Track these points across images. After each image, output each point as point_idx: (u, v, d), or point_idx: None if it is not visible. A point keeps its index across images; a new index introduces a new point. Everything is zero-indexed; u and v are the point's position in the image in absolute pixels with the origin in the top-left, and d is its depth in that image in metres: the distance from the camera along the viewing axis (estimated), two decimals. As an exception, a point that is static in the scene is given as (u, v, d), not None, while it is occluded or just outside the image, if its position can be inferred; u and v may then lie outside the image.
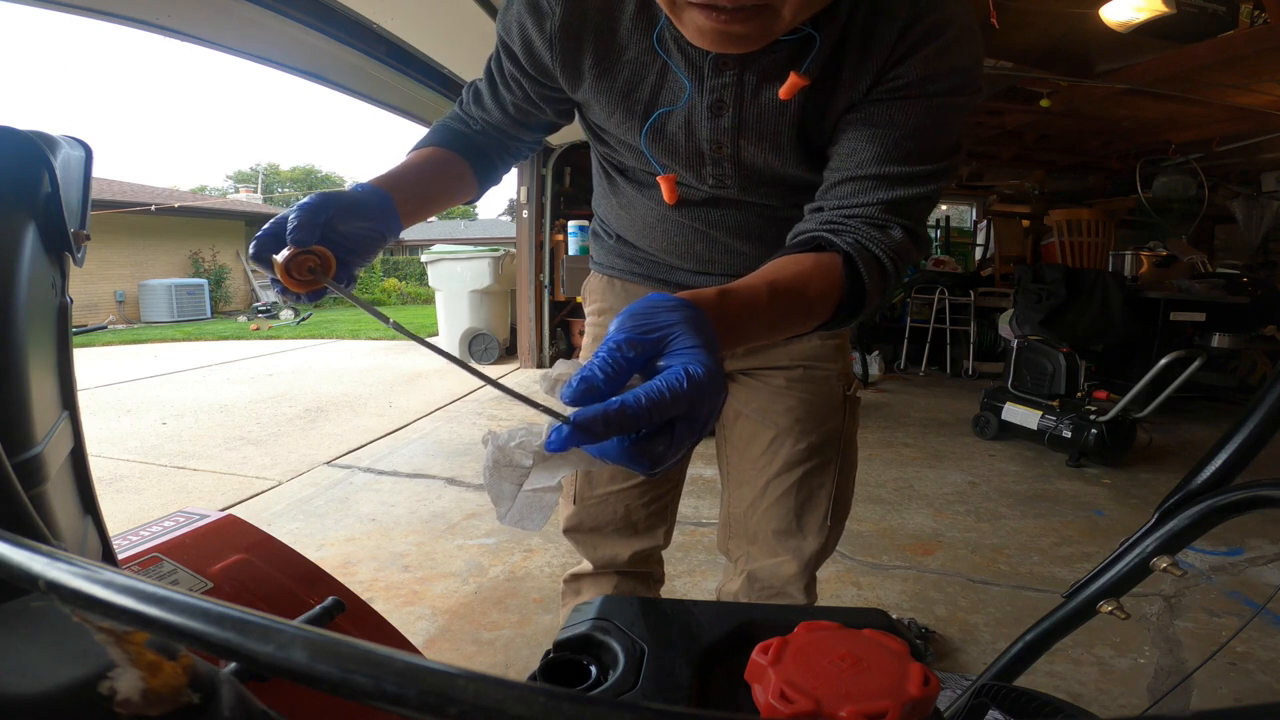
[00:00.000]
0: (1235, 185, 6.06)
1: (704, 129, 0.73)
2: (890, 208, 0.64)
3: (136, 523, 0.87)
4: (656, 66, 0.71)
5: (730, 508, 1.05)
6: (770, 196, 0.81)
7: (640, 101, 0.73)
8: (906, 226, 0.64)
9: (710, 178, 0.78)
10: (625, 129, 0.77)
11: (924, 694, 0.33)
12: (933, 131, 0.65)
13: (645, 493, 1.02)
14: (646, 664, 0.40)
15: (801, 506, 0.96)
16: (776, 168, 0.76)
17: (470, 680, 0.17)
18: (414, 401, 4.57)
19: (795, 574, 0.97)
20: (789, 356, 0.95)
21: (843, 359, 0.98)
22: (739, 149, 0.74)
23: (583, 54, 0.72)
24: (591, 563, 1.08)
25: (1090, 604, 0.77)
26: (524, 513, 0.48)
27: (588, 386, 0.41)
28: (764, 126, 0.71)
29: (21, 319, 0.48)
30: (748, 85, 0.69)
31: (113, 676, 0.22)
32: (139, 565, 0.77)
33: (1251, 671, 1.62)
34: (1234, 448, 0.68)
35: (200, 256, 13.05)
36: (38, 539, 0.25)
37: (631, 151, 0.82)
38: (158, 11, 2.56)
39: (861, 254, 0.61)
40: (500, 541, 2.34)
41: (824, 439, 0.95)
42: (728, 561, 1.09)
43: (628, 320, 0.44)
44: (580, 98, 0.78)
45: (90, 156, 0.58)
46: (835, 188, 0.67)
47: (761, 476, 0.97)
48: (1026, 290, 4.22)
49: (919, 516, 2.63)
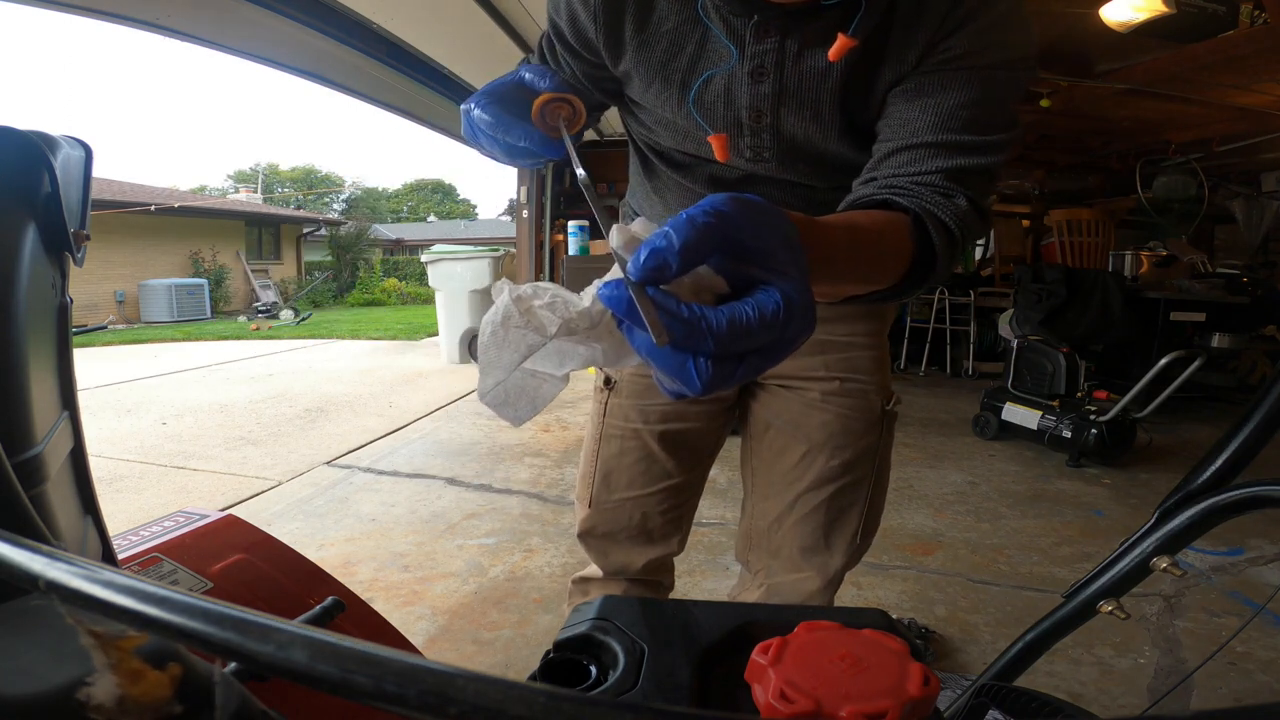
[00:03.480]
0: (1235, 185, 6.06)
1: (744, 95, 0.72)
2: (951, 176, 0.60)
3: (136, 523, 0.87)
4: (696, 36, 0.71)
5: (753, 520, 1.01)
6: (810, 176, 0.79)
7: (679, 70, 0.73)
8: (970, 198, 0.60)
9: (748, 149, 0.77)
10: (663, 99, 0.76)
11: (924, 694, 0.33)
12: (989, 103, 0.63)
13: (665, 499, 0.99)
14: (646, 664, 0.40)
15: (831, 524, 0.93)
16: (817, 140, 0.74)
17: (470, 680, 0.17)
18: (414, 401, 4.57)
19: (818, 590, 0.94)
20: (825, 367, 0.91)
21: (882, 371, 0.93)
22: (779, 117, 0.72)
23: (624, 24, 0.73)
24: (603, 570, 1.06)
25: (1090, 604, 0.77)
26: (512, 396, 0.40)
27: (658, 264, 0.34)
28: (805, 93, 0.70)
29: (21, 319, 0.48)
30: (789, 51, 0.68)
31: (90, 682, 0.22)
32: (139, 565, 0.77)
33: (1251, 671, 1.62)
34: (1234, 448, 0.68)
35: (200, 256, 13.06)
36: (38, 539, 0.25)
37: (668, 129, 0.80)
38: (158, 11, 2.56)
39: (929, 217, 0.58)
40: (500, 542, 2.34)
41: (858, 455, 0.91)
42: (745, 572, 1.07)
43: (735, 207, 0.37)
44: (621, 71, 0.77)
45: (90, 156, 0.58)
46: (889, 158, 0.64)
47: (791, 491, 0.94)
48: (1026, 290, 4.22)
49: (919, 516, 2.63)
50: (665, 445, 0.97)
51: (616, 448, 0.99)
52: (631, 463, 0.98)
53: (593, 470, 1.01)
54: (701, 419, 0.98)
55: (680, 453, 0.98)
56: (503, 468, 3.15)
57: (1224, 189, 6.01)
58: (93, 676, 0.22)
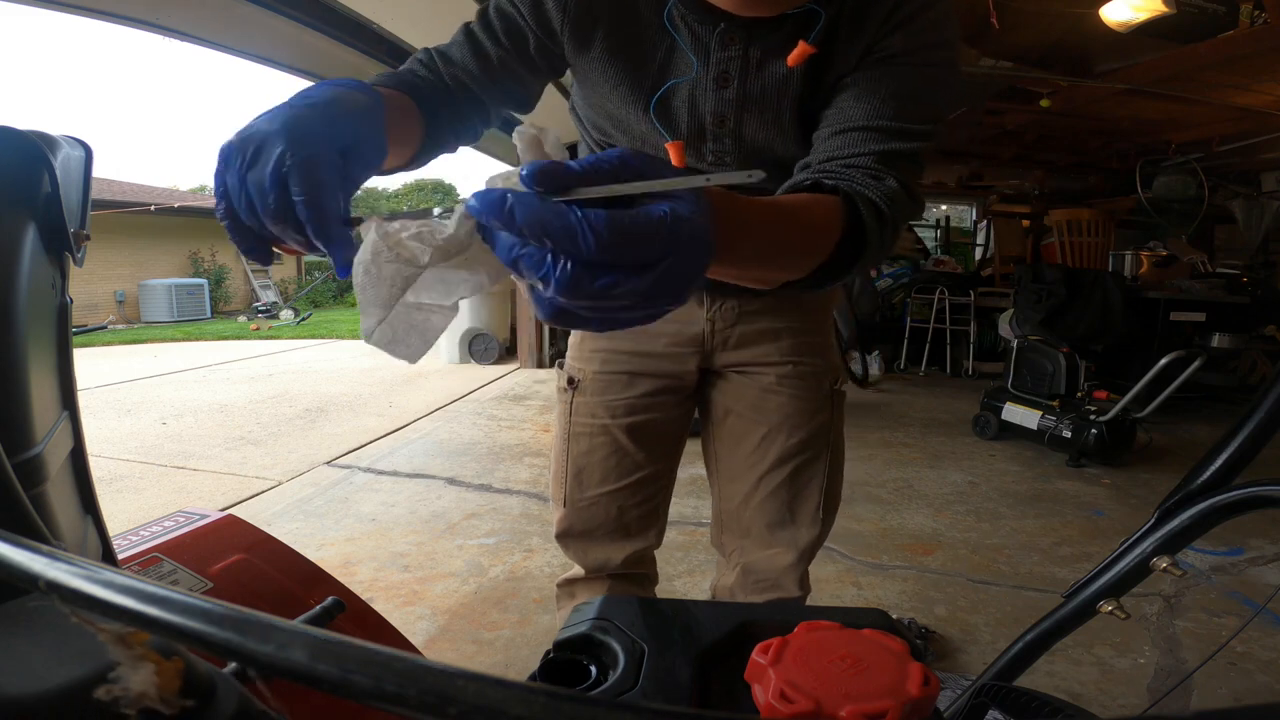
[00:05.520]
0: (1235, 185, 6.06)
1: (708, 102, 0.75)
2: (881, 159, 0.64)
3: (136, 523, 0.87)
4: (666, 43, 0.73)
5: (722, 503, 1.05)
6: (767, 178, 0.80)
7: (649, 75, 0.75)
8: (899, 179, 0.63)
9: (710, 154, 0.79)
10: (629, 103, 0.77)
11: (924, 694, 0.33)
12: (919, 95, 0.68)
13: (639, 491, 1.02)
14: (646, 664, 0.40)
15: (794, 499, 0.98)
16: (776, 144, 0.77)
17: (470, 680, 0.17)
18: (414, 401, 4.57)
19: (790, 564, 0.98)
20: (780, 353, 0.96)
21: (829, 354, 1.00)
22: (741, 123, 0.75)
23: (596, 24, 0.73)
24: (584, 568, 1.07)
25: (1090, 604, 0.77)
26: (400, 332, 0.38)
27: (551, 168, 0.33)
28: (767, 100, 0.73)
29: (21, 319, 0.48)
30: (752, 59, 0.72)
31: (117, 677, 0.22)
32: (139, 565, 0.77)
33: (1251, 671, 1.63)
34: (1234, 448, 0.68)
35: (200, 256, 13.05)
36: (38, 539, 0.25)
37: (626, 132, 0.82)
38: (157, 11, 2.56)
39: (859, 196, 0.60)
40: (500, 541, 2.34)
41: (813, 434, 0.97)
42: (721, 557, 1.09)
43: (644, 156, 0.37)
44: (580, 67, 0.78)
45: (90, 156, 0.58)
46: (825, 143, 0.67)
47: (754, 472, 0.98)
48: (1026, 290, 4.22)
49: (919, 516, 2.63)
50: (634, 437, 0.99)
51: (586, 445, 1.00)
52: (602, 458, 1.00)
53: (564, 470, 1.03)
54: (666, 408, 1.00)
55: (649, 444, 1.00)
56: (503, 468, 3.15)
57: (1224, 189, 6.01)
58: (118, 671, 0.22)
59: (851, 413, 4.85)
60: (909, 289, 5.84)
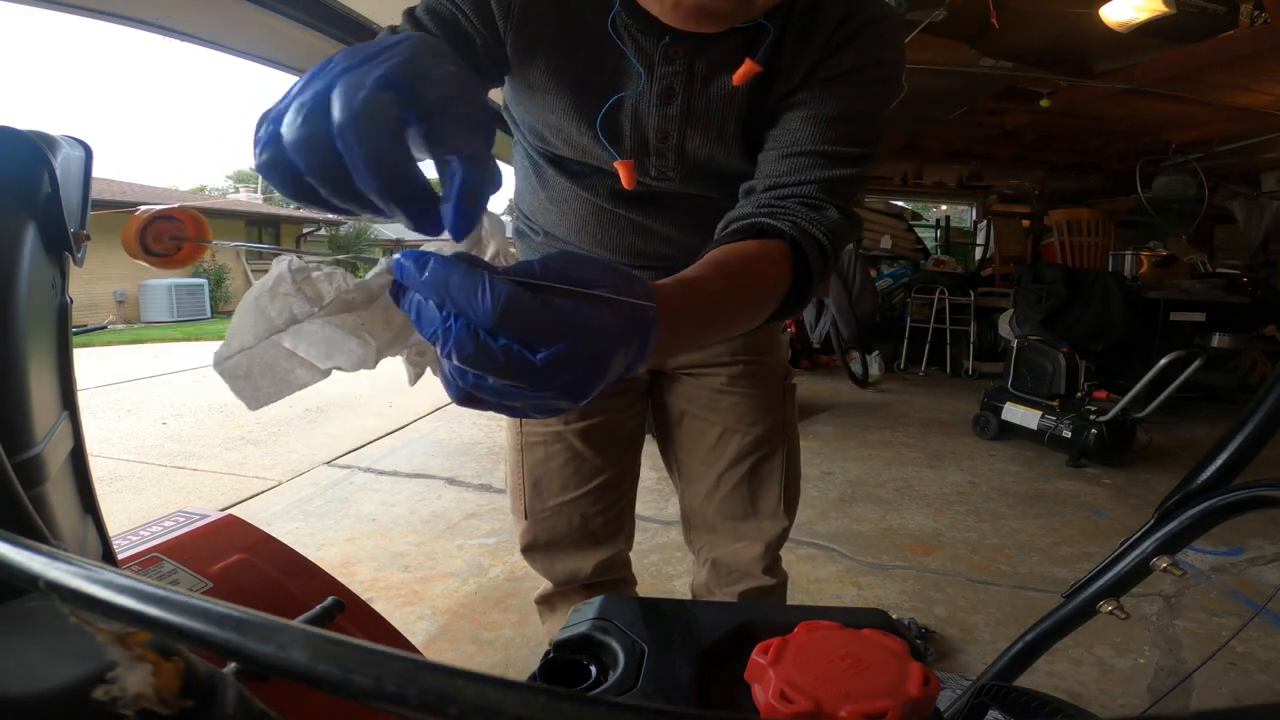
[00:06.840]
0: (1235, 185, 6.06)
1: (652, 118, 0.73)
2: (825, 187, 0.64)
3: (136, 523, 0.87)
4: (612, 55, 0.70)
5: (686, 501, 1.05)
6: (710, 189, 0.80)
7: (594, 88, 0.72)
8: (840, 207, 0.64)
9: (653, 169, 0.77)
10: (573, 115, 0.74)
11: (924, 694, 0.33)
12: (862, 116, 0.68)
13: (600, 498, 1.00)
14: (646, 664, 0.40)
15: (755, 494, 0.99)
16: (720, 159, 0.75)
17: (470, 680, 0.17)
18: (414, 401, 4.56)
19: (758, 555, 0.99)
20: (730, 353, 0.95)
21: (778, 350, 1.01)
22: (685, 139, 0.74)
23: (542, 33, 0.70)
24: (551, 581, 1.05)
25: (1090, 604, 0.77)
26: (255, 371, 0.34)
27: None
28: (711, 115, 0.72)
29: (21, 319, 0.48)
30: (698, 74, 0.70)
31: (115, 677, 0.22)
32: (139, 565, 0.77)
33: (1251, 671, 1.63)
34: (1234, 448, 0.68)
35: (200, 256, 13.05)
36: (38, 539, 0.25)
37: (569, 142, 0.78)
38: (158, 11, 2.56)
39: (804, 237, 0.61)
40: (500, 541, 2.34)
41: (769, 429, 0.97)
42: (693, 555, 1.09)
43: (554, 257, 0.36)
44: (522, 71, 0.73)
45: (90, 156, 0.58)
46: (770, 165, 0.68)
47: (713, 470, 0.99)
48: (1026, 290, 4.23)
49: (919, 516, 2.63)
50: (589, 442, 0.97)
51: (541, 454, 0.99)
52: (559, 466, 0.98)
53: (521, 481, 1.01)
54: (617, 409, 0.99)
55: (606, 447, 0.99)
56: (503, 468, 3.15)
57: (1224, 189, 6.01)
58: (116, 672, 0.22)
59: (851, 413, 4.82)
60: (909, 289, 5.84)
